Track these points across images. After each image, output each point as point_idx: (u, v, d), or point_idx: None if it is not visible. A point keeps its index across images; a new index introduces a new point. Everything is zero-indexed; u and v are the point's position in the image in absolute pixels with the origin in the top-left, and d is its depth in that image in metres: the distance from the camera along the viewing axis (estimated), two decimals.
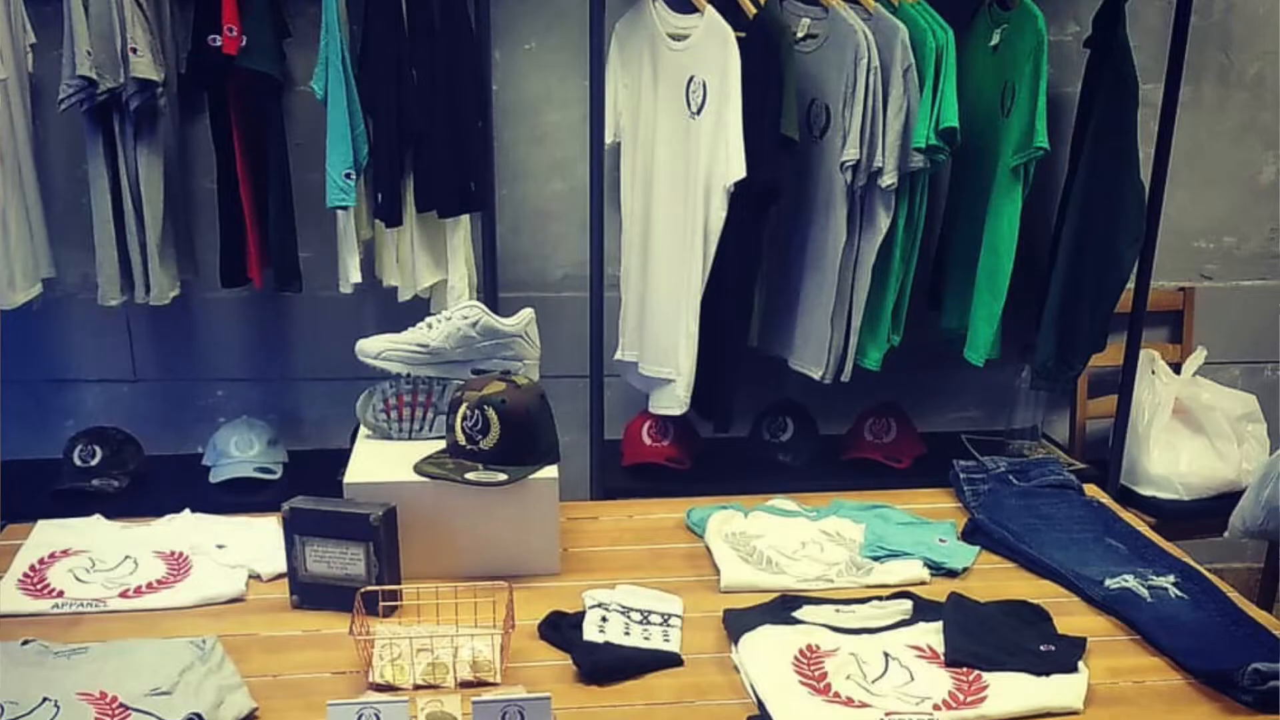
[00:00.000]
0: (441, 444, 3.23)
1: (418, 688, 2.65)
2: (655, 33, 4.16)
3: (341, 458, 3.30)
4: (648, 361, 4.30)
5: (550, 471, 3.14)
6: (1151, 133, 4.34)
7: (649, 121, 4.20)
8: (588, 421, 4.36)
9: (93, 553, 3.25)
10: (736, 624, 2.86)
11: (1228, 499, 4.42)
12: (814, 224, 4.23)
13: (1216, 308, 5.05)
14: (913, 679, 2.69)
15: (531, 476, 3.11)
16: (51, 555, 3.23)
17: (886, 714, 2.54)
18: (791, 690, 2.61)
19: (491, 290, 4.43)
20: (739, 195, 3.94)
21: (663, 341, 4.22)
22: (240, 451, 4.36)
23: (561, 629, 2.87)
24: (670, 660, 2.78)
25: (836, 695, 2.61)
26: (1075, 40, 4.49)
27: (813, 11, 4.14)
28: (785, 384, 4.57)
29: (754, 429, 4.60)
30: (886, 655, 2.77)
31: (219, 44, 3.96)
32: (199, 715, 2.47)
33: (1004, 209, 4.12)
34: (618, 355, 4.38)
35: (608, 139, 4.25)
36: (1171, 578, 3.08)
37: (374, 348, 3.39)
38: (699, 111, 3.99)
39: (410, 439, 3.35)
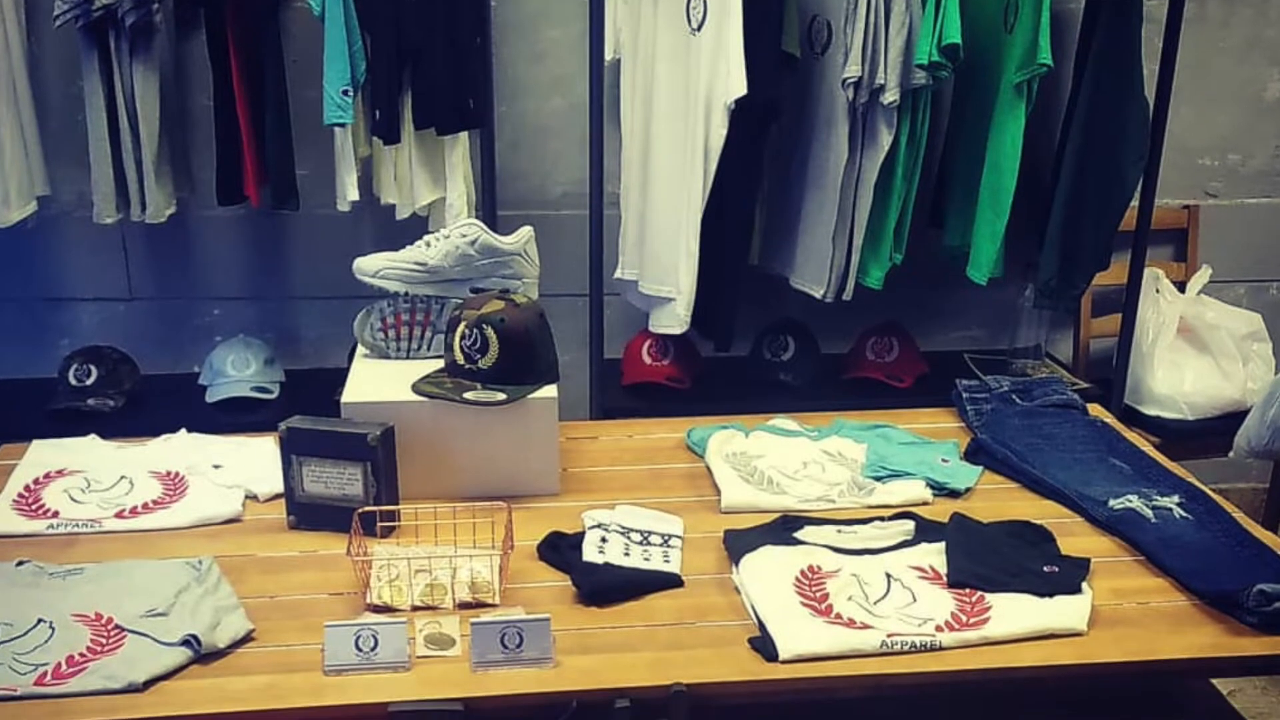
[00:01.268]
0: (440, 363, 3.22)
1: (415, 609, 2.64)
2: None
3: (339, 377, 3.29)
4: (648, 280, 4.27)
5: (549, 391, 3.13)
6: (1156, 49, 4.30)
7: (649, 38, 4.15)
8: (587, 340, 4.34)
9: (88, 473, 3.24)
10: (737, 545, 2.84)
11: (1233, 418, 4.40)
12: (815, 141, 4.20)
13: (1221, 226, 5.02)
14: (915, 600, 2.68)
15: (530, 396, 3.09)
16: (46, 475, 3.22)
17: (888, 635, 2.52)
18: (793, 611, 2.60)
19: (490, 208, 4.40)
20: (740, 112, 3.90)
21: (663, 260, 4.19)
22: (237, 371, 4.34)
23: (561, 550, 2.86)
24: (670, 581, 2.77)
25: (838, 616, 2.60)
26: None
27: None
28: (786, 303, 4.54)
29: (755, 348, 4.58)
30: (888, 576, 2.76)
31: None
32: (195, 636, 2.46)
33: (1007, 126, 4.09)
34: (617, 274, 4.35)
35: (607, 55, 4.22)
36: (1176, 498, 3.06)
37: (372, 266, 3.37)
38: (699, 28, 3.94)
39: (408, 358, 3.34)
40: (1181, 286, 4.88)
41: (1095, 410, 3.67)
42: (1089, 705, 2.80)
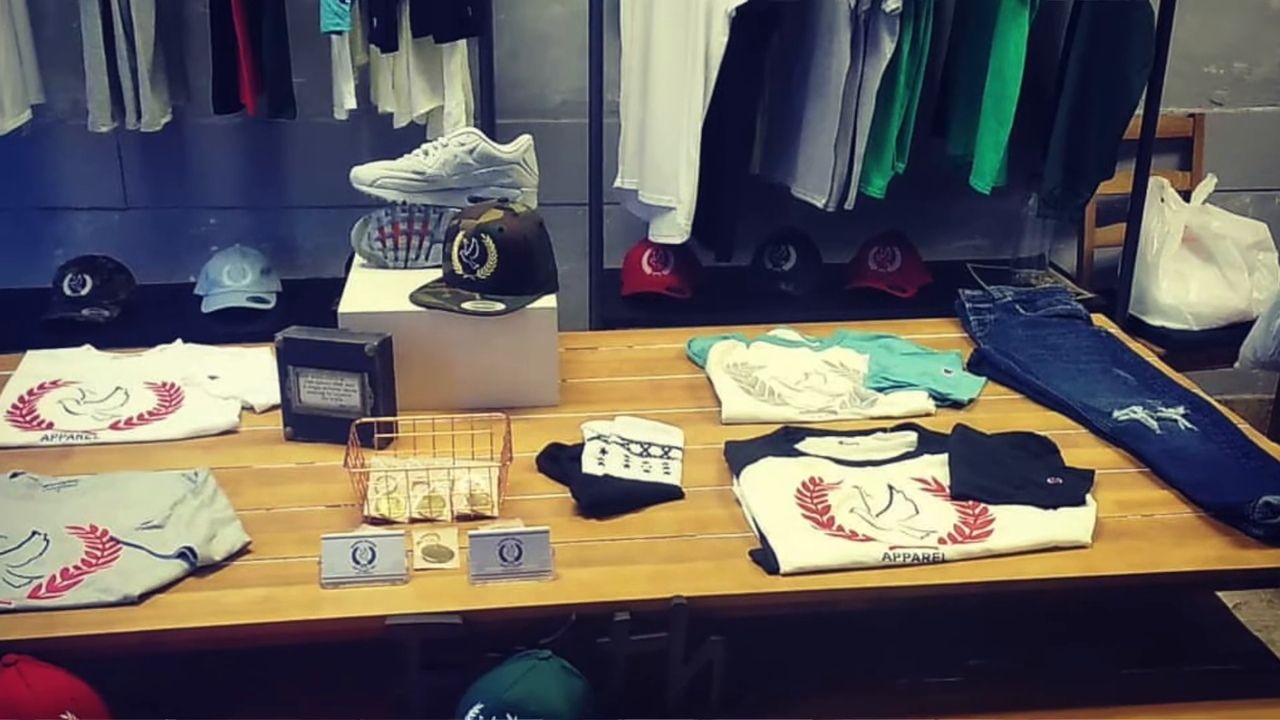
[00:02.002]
0: (438, 273, 3.20)
1: (413, 521, 2.63)
2: None
3: (336, 287, 3.27)
4: (648, 189, 4.24)
5: (548, 301, 3.11)
6: None
7: None
8: (586, 250, 4.33)
9: (83, 384, 3.22)
10: (738, 456, 2.83)
11: (1238, 329, 4.40)
12: (817, 49, 4.15)
13: (1227, 134, 4.98)
14: (917, 512, 2.67)
15: (529, 306, 3.08)
16: (41, 386, 3.20)
17: (891, 548, 2.51)
18: (794, 523, 2.59)
19: (489, 117, 4.35)
20: (741, 19, 3.87)
21: (663, 168, 4.16)
22: (233, 281, 4.31)
23: (560, 461, 2.85)
24: (670, 493, 2.75)
25: (840, 529, 2.58)
26: None
27: None
28: (788, 212, 4.50)
29: (756, 258, 4.55)
30: (891, 488, 2.74)
31: None
32: (191, 549, 2.45)
33: (1010, 34, 4.05)
34: (617, 183, 4.31)
35: None
36: (1181, 409, 3.04)
37: (369, 175, 3.34)
38: None
39: (406, 268, 3.32)
40: (1186, 196, 4.84)
41: (1099, 320, 3.64)
42: (1093, 618, 2.80)
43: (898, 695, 2.60)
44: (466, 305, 3.03)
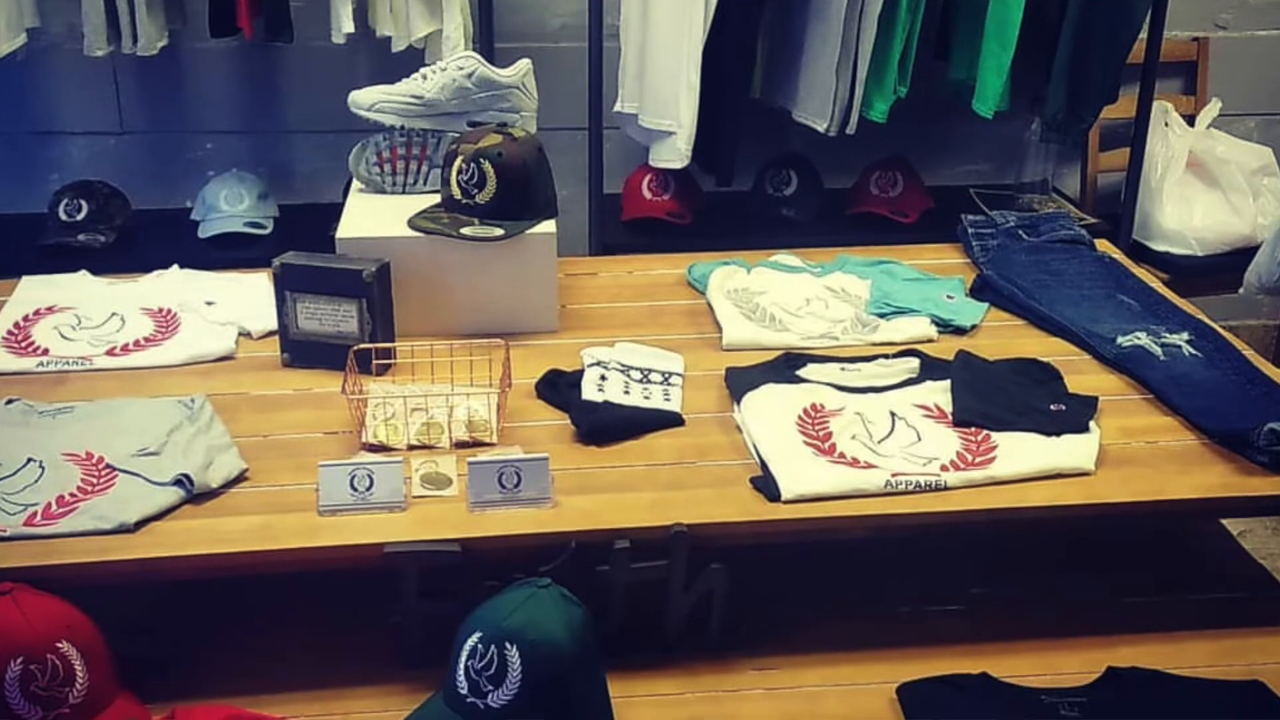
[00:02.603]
0: (436, 198, 3.18)
1: (412, 448, 2.62)
2: None
3: (334, 212, 3.26)
4: (648, 113, 4.21)
5: (548, 226, 3.10)
6: None
7: None
8: (586, 175, 4.30)
9: (79, 309, 3.21)
10: (739, 383, 2.81)
11: (1242, 254, 4.38)
12: None
13: (1231, 58, 4.94)
14: (920, 439, 2.65)
15: (529, 231, 3.06)
16: (36, 312, 3.19)
17: (893, 475, 2.50)
18: (795, 450, 2.57)
19: (487, 40, 4.32)
20: None
21: (663, 93, 4.13)
22: (230, 206, 4.29)
23: (559, 388, 2.83)
24: (671, 420, 2.74)
25: (841, 456, 2.57)
26: None
27: None
28: (789, 136, 4.49)
29: (757, 182, 4.53)
30: (893, 415, 2.73)
31: None
32: (187, 476, 2.43)
33: None
34: (617, 107, 4.28)
35: None
36: (1185, 335, 3.03)
37: (367, 99, 3.32)
38: None
39: (404, 193, 3.30)
40: (1191, 120, 4.82)
41: (1103, 246, 3.63)
42: (1096, 547, 2.79)
43: (900, 623, 2.59)
44: (465, 230, 3.02)
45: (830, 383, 2.83)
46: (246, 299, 3.24)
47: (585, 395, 2.76)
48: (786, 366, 2.89)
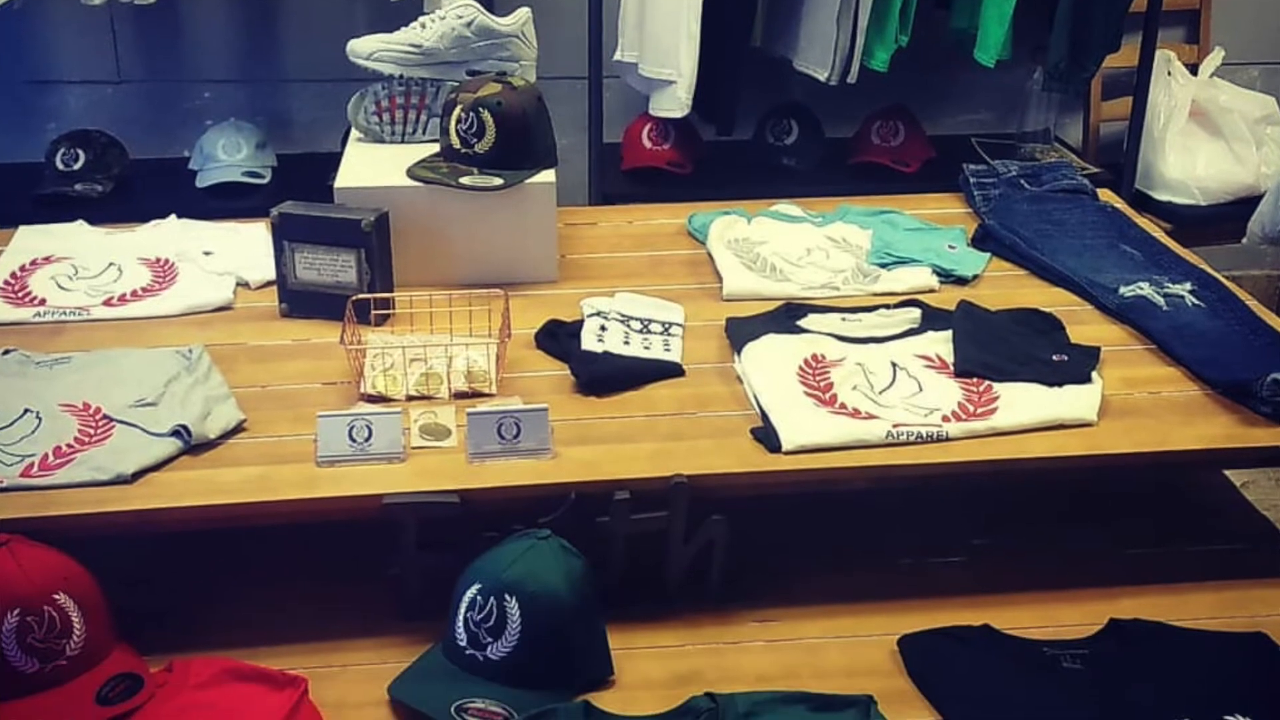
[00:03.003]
0: (435, 148, 3.17)
1: (410, 399, 2.61)
2: None
3: (332, 162, 3.25)
4: (648, 62, 4.18)
5: (547, 176, 3.09)
6: None
7: None
8: (586, 124, 4.28)
9: (76, 259, 3.20)
10: (739, 333, 2.80)
11: (1246, 204, 4.36)
12: None
13: (1234, 7, 4.91)
14: (921, 390, 2.64)
15: (528, 181, 3.05)
16: (33, 262, 3.18)
17: (894, 425, 2.49)
18: (796, 401, 2.57)
19: None
20: None
21: (663, 41, 4.10)
22: (228, 155, 4.27)
23: (559, 338, 2.82)
24: (671, 370, 2.73)
25: (843, 406, 2.56)
26: None
27: None
28: (790, 85, 4.46)
29: (757, 132, 4.51)
30: (894, 365, 2.72)
31: None
32: (185, 427, 2.43)
33: None
34: (617, 56, 4.26)
35: None
36: (1188, 285, 3.02)
37: (366, 48, 3.31)
38: None
39: (403, 142, 3.30)
40: (1194, 69, 4.79)
41: (1105, 195, 3.62)
42: (1098, 498, 2.79)
43: (901, 575, 2.59)
44: (464, 180, 3.00)
45: (831, 333, 2.82)
46: (244, 249, 3.22)
47: (585, 346, 2.75)
48: (787, 317, 2.87)
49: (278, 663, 2.25)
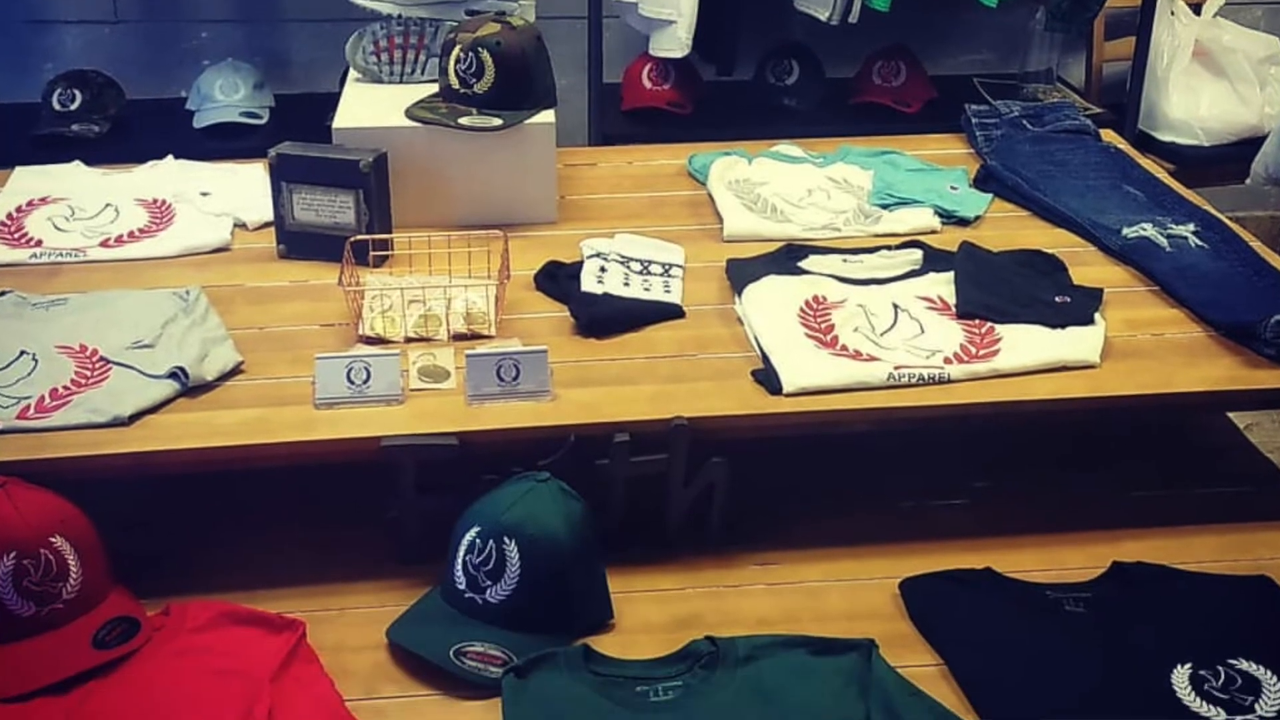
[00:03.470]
0: (434, 87, 3.16)
1: (409, 340, 2.60)
2: None
3: (330, 102, 3.24)
4: (648, 2, 4.17)
5: (547, 116, 3.07)
6: None
7: None
8: (586, 64, 4.26)
9: (72, 200, 3.18)
10: (740, 274, 2.79)
11: (1249, 144, 4.37)
12: None
13: None
14: (923, 331, 2.63)
15: (527, 121, 3.04)
16: (29, 203, 3.16)
17: (895, 368, 2.48)
18: (797, 343, 2.55)
19: None
20: None
21: None
22: (225, 95, 4.28)
23: (558, 279, 2.81)
24: (671, 312, 2.72)
25: (844, 348, 2.55)
26: None
27: None
28: (790, 25, 4.45)
29: (758, 72, 4.51)
30: (895, 307, 2.70)
31: None
32: (182, 369, 2.41)
33: None
34: None
35: None
36: (1191, 226, 3.00)
37: None
38: None
39: (401, 82, 3.28)
40: (1197, 9, 4.77)
41: (1108, 136, 3.60)
42: (1101, 441, 2.78)
43: (902, 518, 2.58)
44: (463, 120, 2.99)
45: (832, 274, 2.80)
46: (242, 190, 3.21)
47: (584, 287, 2.73)
48: (788, 258, 2.86)
49: (275, 606, 2.25)
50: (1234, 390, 2.55)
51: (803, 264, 2.84)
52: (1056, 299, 2.71)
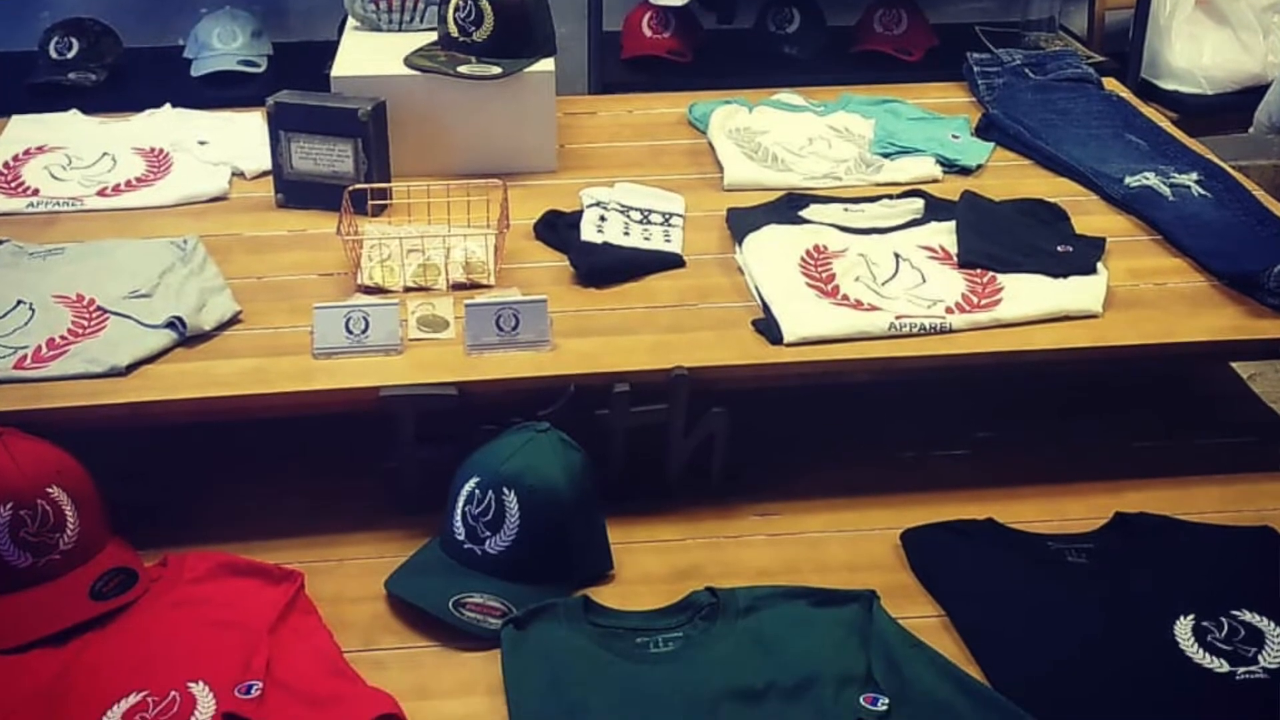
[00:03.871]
0: (433, 36, 3.14)
1: (408, 290, 2.59)
2: None
3: (329, 50, 3.23)
4: None
5: (546, 64, 3.06)
6: None
7: None
8: (585, 12, 4.25)
9: (69, 149, 3.17)
10: (741, 223, 2.78)
11: (1252, 93, 4.35)
12: None
13: None
14: (924, 281, 2.62)
15: (526, 69, 3.02)
16: (26, 152, 3.16)
17: (897, 317, 2.47)
18: (798, 292, 2.54)
19: None
20: None
21: None
22: (223, 44, 4.26)
23: (558, 229, 2.80)
24: (671, 261, 2.71)
25: (845, 298, 2.54)
26: None
27: None
28: None
29: (759, 20, 4.49)
30: (897, 256, 2.69)
31: None
32: (180, 318, 2.41)
33: None
34: None
35: None
36: (1194, 175, 2.99)
37: None
38: None
39: (400, 30, 3.26)
40: None
41: (1110, 84, 3.58)
42: (1104, 391, 2.77)
43: (903, 468, 2.58)
44: (462, 69, 2.98)
45: (833, 223, 2.79)
46: (240, 138, 3.20)
47: (584, 236, 2.72)
48: (789, 207, 2.85)
49: (274, 557, 2.24)
50: (1237, 340, 2.54)
51: (804, 213, 2.82)
52: (1059, 248, 2.70)
